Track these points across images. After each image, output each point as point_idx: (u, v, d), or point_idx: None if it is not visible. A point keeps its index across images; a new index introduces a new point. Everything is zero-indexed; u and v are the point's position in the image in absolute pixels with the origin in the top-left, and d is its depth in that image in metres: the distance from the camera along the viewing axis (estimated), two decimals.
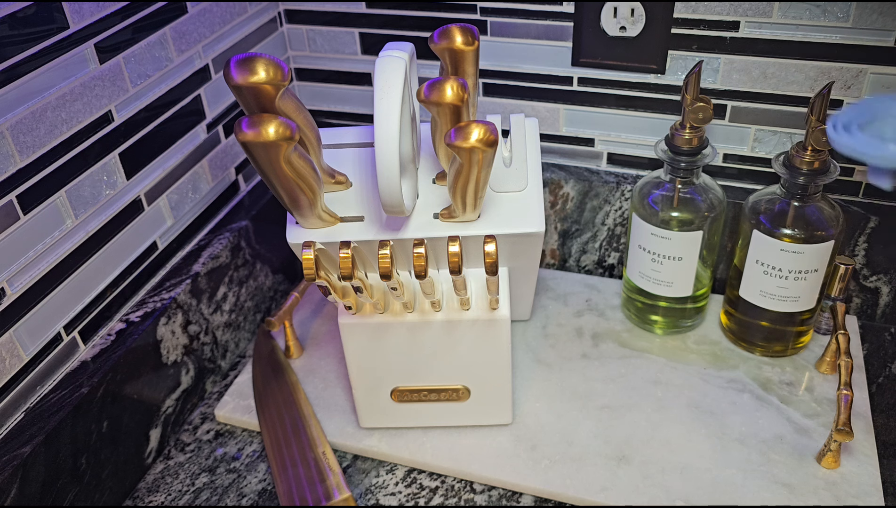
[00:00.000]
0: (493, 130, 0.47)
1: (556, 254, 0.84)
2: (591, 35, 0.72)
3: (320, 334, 0.78)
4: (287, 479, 0.62)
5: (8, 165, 0.53)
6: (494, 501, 0.62)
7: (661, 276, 0.70)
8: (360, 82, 0.83)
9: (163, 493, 0.64)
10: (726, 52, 0.69)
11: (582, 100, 0.77)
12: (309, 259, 0.48)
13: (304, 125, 0.52)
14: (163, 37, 0.66)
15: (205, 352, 0.72)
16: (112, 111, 0.62)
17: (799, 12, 0.65)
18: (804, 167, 0.63)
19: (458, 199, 0.53)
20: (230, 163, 0.78)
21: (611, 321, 0.76)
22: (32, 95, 0.55)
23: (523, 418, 0.67)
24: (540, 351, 0.73)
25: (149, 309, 0.66)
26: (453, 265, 0.49)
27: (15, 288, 0.55)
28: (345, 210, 0.58)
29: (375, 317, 0.59)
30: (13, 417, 0.57)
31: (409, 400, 0.64)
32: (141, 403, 0.65)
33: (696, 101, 0.63)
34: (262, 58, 0.46)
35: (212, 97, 0.73)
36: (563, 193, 0.79)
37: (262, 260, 0.80)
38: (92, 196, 0.61)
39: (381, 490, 0.63)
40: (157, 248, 0.69)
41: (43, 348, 0.59)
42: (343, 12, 0.79)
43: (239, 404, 0.71)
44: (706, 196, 0.68)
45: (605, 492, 0.61)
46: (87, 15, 0.58)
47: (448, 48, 0.53)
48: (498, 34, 0.75)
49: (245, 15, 0.76)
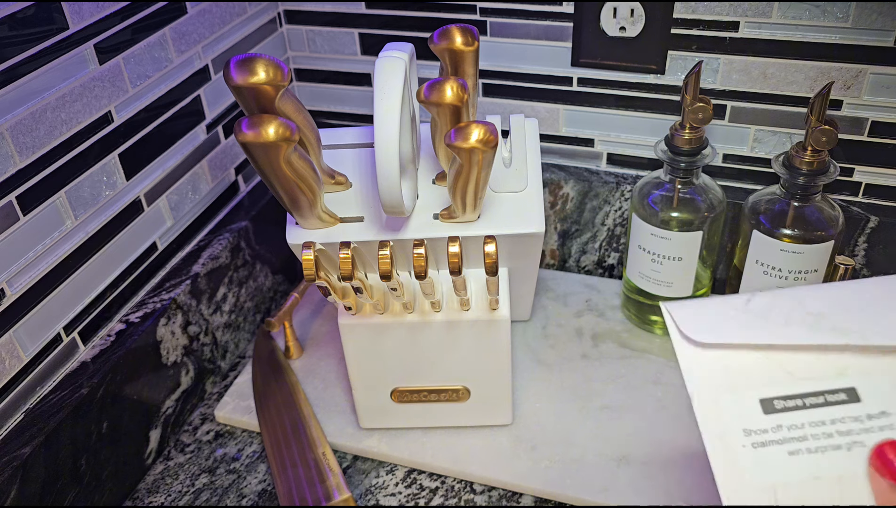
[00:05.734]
0: (493, 131, 0.47)
1: (556, 255, 0.84)
2: (591, 35, 0.72)
3: (320, 334, 0.78)
4: (287, 480, 0.62)
5: (7, 166, 0.53)
6: (494, 501, 0.62)
7: (661, 277, 0.70)
8: (359, 83, 0.83)
9: (163, 494, 0.64)
10: (726, 52, 0.69)
11: (582, 101, 0.77)
12: (309, 259, 0.48)
13: (304, 125, 0.52)
14: (162, 37, 0.66)
15: (205, 353, 0.72)
16: (112, 112, 0.62)
17: (799, 12, 0.65)
18: (804, 167, 0.63)
19: (457, 200, 0.53)
20: (230, 163, 0.78)
21: (611, 321, 0.76)
22: (32, 96, 0.55)
23: (523, 418, 0.67)
24: (540, 352, 0.73)
25: (149, 309, 0.66)
26: (453, 265, 0.49)
27: (15, 288, 0.55)
28: (345, 210, 0.58)
29: (375, 318, 0.59)
30: (13, 418, 0.57)
31: (409, 401, 0.64)
32: (141, 404, 0.65)
33: (696, 102, 0.63)
34: (261, 58, 0.46)
35: (211, 97, 0.73)
36: (562, 193, 0.79)
37: (262, 260, 0.80)
38: (92, 196, 0.61)
39: (381, 491, 0.63)
40: (156, 249, 0.69)
41: (43, 349, 0.59)
42: (343, 13, 0.79)
43: (239, 405, 0.71)
44: (706, 196, 0.68)
45: (605, 492, 0.61)
46: (87, 15, 0.58)
47: (448, 48, 0.53)
48: (497, 34, 0.75)
49: (245, 15, 0.76)
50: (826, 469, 0.33)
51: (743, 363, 0.35)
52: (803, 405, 0.33)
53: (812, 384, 0.33)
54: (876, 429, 0.33)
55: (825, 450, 0.33)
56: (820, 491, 0.33)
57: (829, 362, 0.34)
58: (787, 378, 0.34)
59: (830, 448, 0.33)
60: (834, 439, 0.33)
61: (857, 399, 0.33)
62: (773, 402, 0.34)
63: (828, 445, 0.33)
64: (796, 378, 0.34)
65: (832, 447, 0.33)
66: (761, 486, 0.34)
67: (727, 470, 0.34)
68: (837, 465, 0.33)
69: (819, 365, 0.34)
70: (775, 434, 0.34)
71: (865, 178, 0.71)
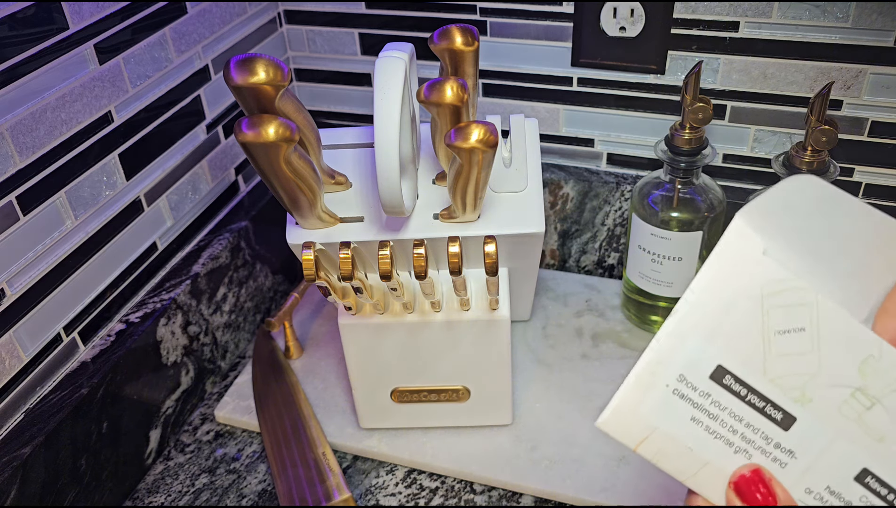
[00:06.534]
0: (493, 131, 0.47)
1: (556, 255, 0.84)
2: (591, 35, 0.72)
3: (320, 334, 0.78)
4: (287, 480, 0.62)
5: (7, 166, 0.53)
6: (494, 501, 0.62)
7: (661, 277, 0.70)
8: (359, 83, 0.83)
9: (163, 494, 0.64)
10: (726, 52, 0.69)
11: (582, 101, 0.77)
12: (309, 259, 0.48)
13: (304, 126, 0.52)
14: (162, 37, 0.66)
15: (205, 353, 0.72)
16: (112, 112, 0.62)
17: (799, 12, 0.65)
18: (804, 167, 0.63)
19: (457, 200, 0.53)
20: (230, 163, 0.78)
21: (611, 321, 0.76)
22: (32, 96, 0.55)
23: (523, 418, 0.67)
24: (540, 352, 0.73)
25: (149, 309, 0.66)
26: (453, 265, 0.49)
27: (15, 288, 0.55)
28: (345, 210, 0.58)
29: (375, 318, 0.59)
30: (13, 418, 0.57)
31: (410, 401, 0.64)
32: (141, 404, 0.65)
33: (696, 102, 0.63)
34: (261, 58, 0.46)
35: (211, 98, 0.73)
36: (562, 193, 0.79)
37: (262, 260, 0.80)
38: (91, 197, 0.61)
39: (381, 491, 0.63)
40: (156, 249, 0.69)
41: (43, 349, 0.59)
42: (343, 13, 0.79)
43: (239, 405, 0.71)
44: (706, 196, 0.68)
45: (605, 492, 0.61)
46: (87, 15, 0.58)
47: (448, 48, 0.53)
48: (498, 34, 0.75)
49: (245, 15, 0.76)
50: (702, 449, 0.33)
51: (750, 332, 0.32)
52: (742, 397, 0.33)
53: (770, 388, 0.32)
54: (772, 458, 0.33)
55: (718, 437, 0.33)
56: (679, 461, 0.34)
57: (800, 383, 0.33)
58: (758, 369, 0.32)
59: (724, 439, 0.33)
60: (734, 436, 0.33)
61: (787, 428, 0.32)
62: (725, 377, 0.33)
63: (725, 436, 0.33)
64: (765, 376, 0.32)
65: (726, 440, 0.33)
66: (644, 422, 0.34)
67: (635, 390, 0.34)
68: (713, 453, 0.33)
69: (793, 378, 0.32)
70: (698, 398, 0.33)
71: (865, 178, 0.71)
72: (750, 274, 0.32)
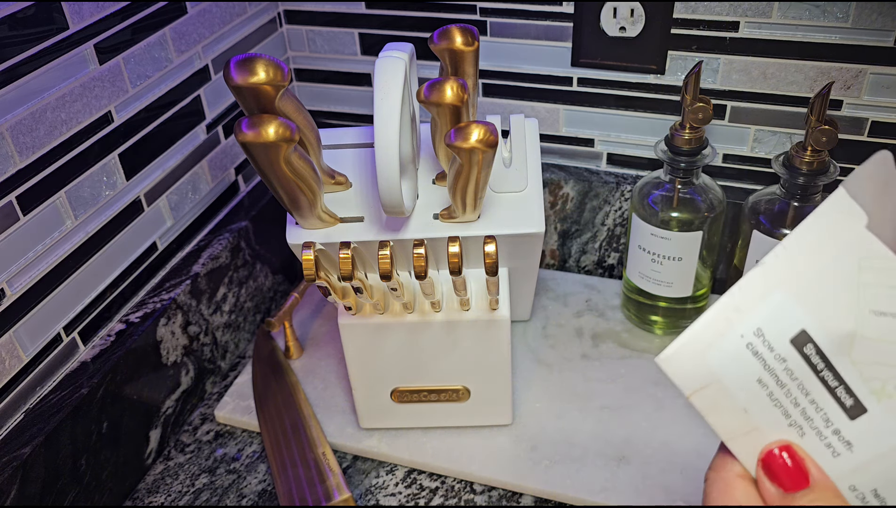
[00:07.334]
0: (493, 131, 0.47)
1: (556, 255, 0.84)
2: (591, 35, 0.72)
3: (320, 334, 0.78)
4: (287, 480, 0.62)
5: (7, 166, 0.53)
6: (494, 501, 0.62)
7: (661, 277, 0.70)
8: (359, 83, 0.83)
9: (163, 494, 0.64)
10: (726, 52, 0.69)
11: (582, 101, 0.77)
12: (309, 259, 0.48)
13: (304, 126, 0.52)
14: (162, 37, 0.66)
15: (205, 353, 0.72)
16: (112, 112, 0.62)
17: (799, 12, 0.65)
18: (804, 167, 0.63)
19: (457, 200, 0.53)
20: (230, 163, 0.78)
21: (611, 321, 0.76)
22: (32, 96, 0.55)
23: (523, 418, 0.67)
24: (540, 352, 0.73)
25: (148, 309, 0.66)
26: (453, 265, 0.49)
27: (15, 288, 0.55)
28: (345, 210, 0.58)
29: (375, 318, 0.59)
30: (13, 418, 0.57)
31: (409, 401, 0.64)
32: (141, 404, 0.65)
33: (696, 102, 0.63)
34: (261, 58, 0.46)
35: (211, 98, 0.73)
36: (562, 194, 0.79)
37: (262, 260, 0.80)
38: (92, 197, 0.61)
39: (381, 491, 0.63)
40: (156, 249, 0.69)
41: (43, 349, 0.59)
42: (343, 13, 0.79)
43: (239, 405, 0.71)
44: (706, 196, 0.68)
45: (605, 492, 0.61)
46: (87, 15, 0.58)
47: (448, 48, 0.53)
48: (498, 34, 0.75)
49: (245, 15, 0.76)
50: (757, 414, 0.31)
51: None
52: (818, 371, 0.30)
53: (850, 370, 0.29)
54: (827, 443, 0.30)
55: (778, 406, 0.31)
56: (730, 420, 0.31)
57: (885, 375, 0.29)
58: (844, 346, 0.29)
59: (783, 409, 0.31)
60: (794, 409, 0.30)
61: (853, 418, 0.30)
62: (807, 345, 0.30)
63: (785, 407, 0.31)
64: (849, 356, 0.29)
65: (784, 411, 0.31)
66: (707, 369, 0.31)
67: (705, 331, 0.31)
68: (766, 421, 0.31)
69: (878, 368, 0.29)
70: (772, 360, 0.30)
71: None
72: (848, 244, 0.29)
